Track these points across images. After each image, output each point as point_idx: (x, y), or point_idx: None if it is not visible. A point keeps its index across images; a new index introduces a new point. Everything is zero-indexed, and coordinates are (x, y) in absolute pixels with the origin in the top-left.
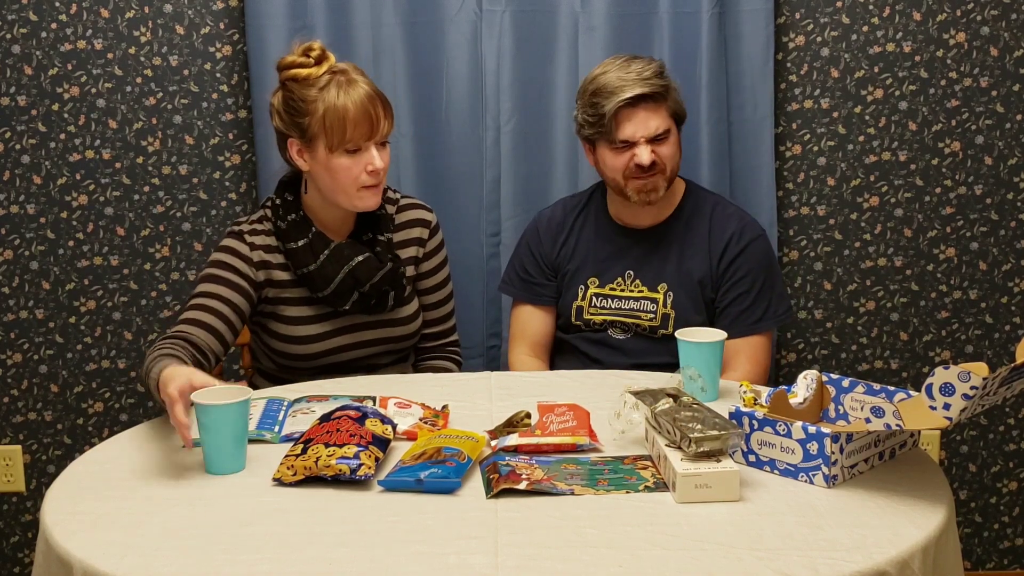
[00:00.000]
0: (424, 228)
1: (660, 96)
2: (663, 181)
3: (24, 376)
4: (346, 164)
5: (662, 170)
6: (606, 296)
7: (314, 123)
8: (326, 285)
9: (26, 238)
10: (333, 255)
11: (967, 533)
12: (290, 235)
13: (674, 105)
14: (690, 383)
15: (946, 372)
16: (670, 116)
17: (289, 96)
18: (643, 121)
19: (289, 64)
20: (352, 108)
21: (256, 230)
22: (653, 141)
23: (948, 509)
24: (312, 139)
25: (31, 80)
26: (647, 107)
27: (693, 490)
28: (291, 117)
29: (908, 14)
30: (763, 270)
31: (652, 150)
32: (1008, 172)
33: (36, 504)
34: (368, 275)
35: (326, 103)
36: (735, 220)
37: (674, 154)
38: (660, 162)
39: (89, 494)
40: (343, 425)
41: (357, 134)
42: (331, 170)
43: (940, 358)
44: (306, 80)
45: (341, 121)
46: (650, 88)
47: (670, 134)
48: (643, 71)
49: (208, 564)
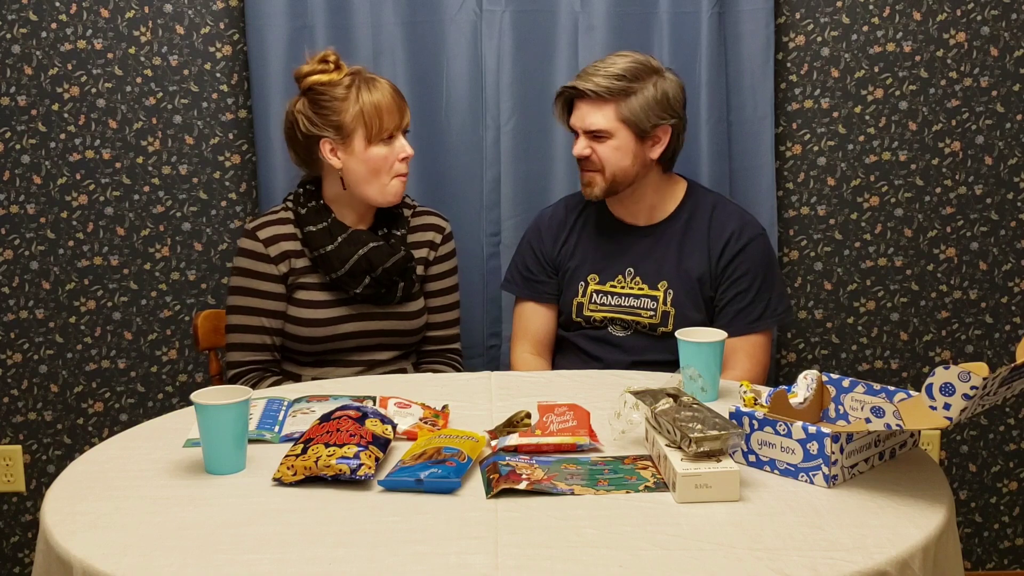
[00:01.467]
0: (437, 233)
1: (600, 97)
2: (601, 179)
3: (24, 376)
4: (383, 153)
5: (600, 169)
6: (606, 293)
7: (351, 120)
8: (341, 265)
9: (26, 238)
10: (350, 238)
11: (967, 533)
12: (309, 219)
13: (628, 112)
14: (690, 383)
15: (946, 372)
16: (618, 120)
17: (317, 99)
18: (582, 114)
19: (309, 72)
20: (384, 100)
21: (270, 221)
22: (593, 138)
23: (948, 509)
24: (348, 135)
25: (31, 80)
26: (589, 102)
27: (693, 490)
28: (323, 118)
29: (908, 14)
30: (762, 269)
31: (589, 145)
32: (1008, 172)
33: (36, 504)
34: (381, 260)
35: (361, 100)
36: (735, 219)
37: (612, 156)
38: (596, 159)
39: (89, 494)
40: (343, 425)
41: (391, 124)
42: (368, 161)
43: (940, 358)
44: (331, 84)
45: (379, 113)
46: (593, 86)
47: (612, 136)
48: (608, 68)
49: (208, 564)
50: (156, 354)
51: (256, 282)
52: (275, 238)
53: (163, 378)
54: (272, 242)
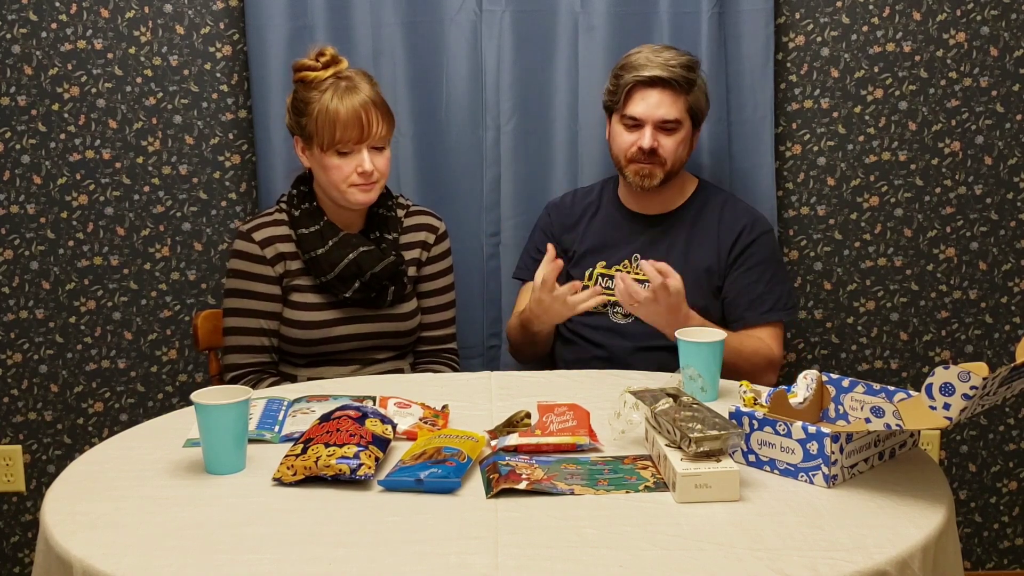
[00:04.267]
0: (430, 233)
1: (678, 85)
2: (661, 172)
3: (24, 376)
4: (336, 163)
5: (662, 162)
6: (611, 276)
7: (310, 123)
8: (331, 269)
9: (26, 238)
10: (340, 242)
11: (967, 533)
12: (303, 221)
13: (693, 101)
14: (690, 383)
15: (946, 372)
16: (685, 110)
17: (295, 96)
18: (655, 103)
19: (301, 66)
20: (343, 112)
21: (264, 223)
22: (661, 129)
23: (948, 509)
24: (309, 138)
25: (31, 80)
26: (662, 91)
27: (693, 490)
28: (294, 116)
29: (908, 14)
30: (773, 262)
31: (656, 137)
32: (1008, 172)
33: (36, 504)
34: (370, 264)
35: (320, 105)
36: (746, 214)
37: (677, 148)
38: (662, 152)
39: (89, 494)
40: (343, 425)
41: (346, 137)
42: (324, 168)
43: (940, 358)
44: (311, 83)
45: (331, 124)
46: (670, 74)
47: (680, 127)
48: (672, 59)
49: (208, 564)
50: (156, 354)
51: (252, 284)
52: (270, 239)
53: (163, 378)
54: (267, 243)
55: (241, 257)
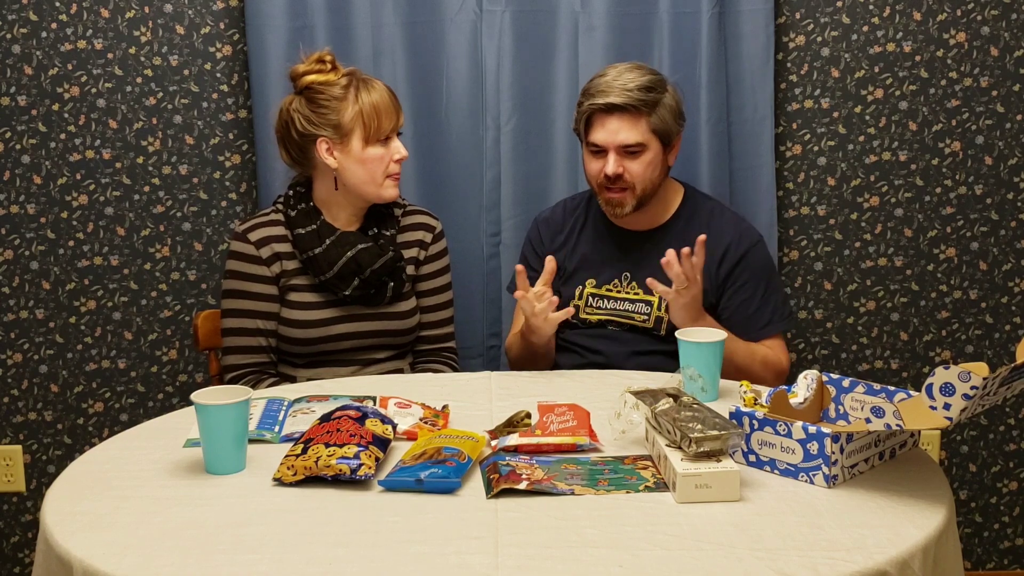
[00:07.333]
0: (427, 232)
1: (636, 110)
2: (631, 198)
3: (24, 376)
4: (379, 153)
5: (631, 187)
6: (602, 296)
7: (349, 119)
8: (329, 268)
9: (26, 238)
10: (338, 240)
11: (967, 533)
12: (299, 221)
13: (658, 122)
14: (690, 383)
15: (946, 372)
16: (650, 131)
17: (315, 98)
18: (613, 130)
19: (305, 72)
20: (382, 101)
21: (260, 223)
22: (625, 153)
23: (948, 509)
24: (346, 135)
25: (31, 80)
26: (620, 117)
27: (693, 490)
28: (321, 116)
29: (908, 14)
30: (764, 275)
31: (621, 163)
32: (1008, 172)
33: (36, 504)
34: (369, 261)
35: (361, 100)
36: (731, 228)
37: (645, 171)
38: (628, 176)
39: (89, 494)
40: (343, 425)
41: (388, 124)
42: (365, 161)
43: (940, 358)
44: (328, 83)
45: (377, 114)
46: (625, 99)
47: (645, 149)
48: (630, 81)
49: (208, 564)
50: (156, 354)
51: (249, 284)
52: (266, 240)
53: (163, 378)
54: (263, 244)
55: (237, 258)
